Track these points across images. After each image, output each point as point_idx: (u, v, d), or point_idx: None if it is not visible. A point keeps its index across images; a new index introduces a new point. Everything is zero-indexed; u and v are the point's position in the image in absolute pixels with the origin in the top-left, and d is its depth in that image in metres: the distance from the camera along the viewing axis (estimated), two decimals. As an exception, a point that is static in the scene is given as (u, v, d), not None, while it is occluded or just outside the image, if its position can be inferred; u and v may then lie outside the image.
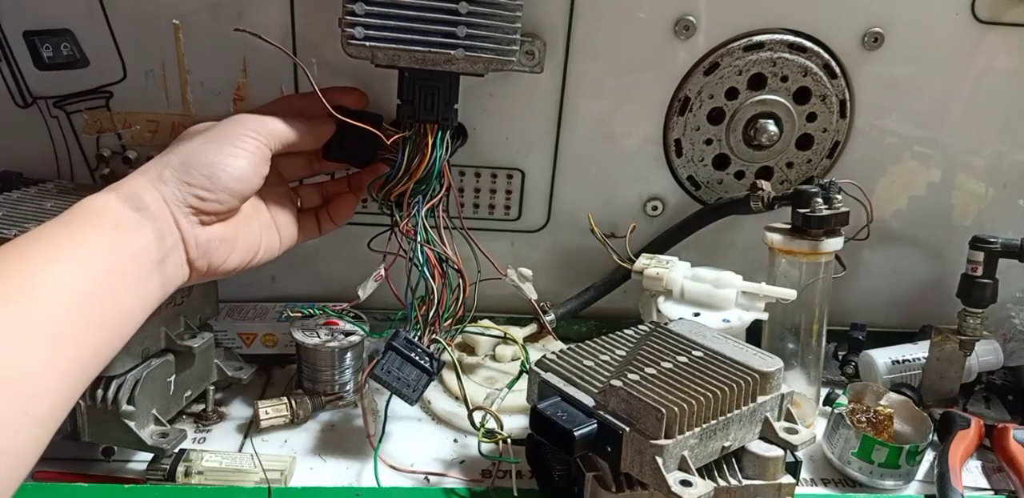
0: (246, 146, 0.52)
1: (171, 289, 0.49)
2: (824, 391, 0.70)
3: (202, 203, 0.50)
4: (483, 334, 0.69)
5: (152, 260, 0.47)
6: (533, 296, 0.67)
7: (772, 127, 0.71)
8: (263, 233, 0.56)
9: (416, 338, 0.59)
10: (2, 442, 0.37)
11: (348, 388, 0.66)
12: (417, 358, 0.58)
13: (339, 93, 0.61)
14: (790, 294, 0.64)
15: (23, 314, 0.40)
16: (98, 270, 0.44)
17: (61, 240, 0.44)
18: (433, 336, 0.60)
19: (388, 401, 0.60)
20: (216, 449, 0.59)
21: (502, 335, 0.69)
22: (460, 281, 0.61)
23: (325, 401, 0.65)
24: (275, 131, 0.54)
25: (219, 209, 0.51)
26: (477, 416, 0.57)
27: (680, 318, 0.61)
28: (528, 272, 0.67)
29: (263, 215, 0.57)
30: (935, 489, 0.59)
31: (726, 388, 0.48)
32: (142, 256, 0.46)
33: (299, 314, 0.65)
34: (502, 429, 0.56)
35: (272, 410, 0.62)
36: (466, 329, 0.66)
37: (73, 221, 0.46)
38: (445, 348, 0.60)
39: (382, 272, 0.61)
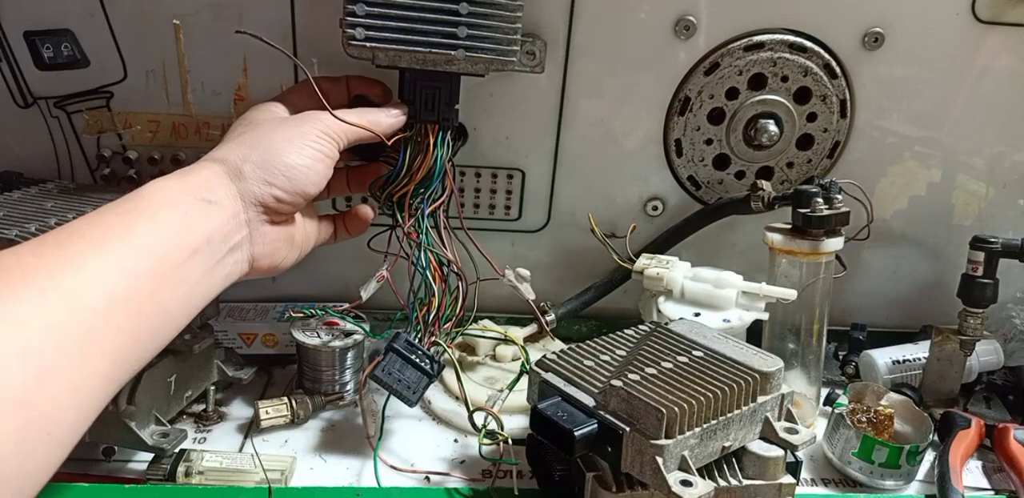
0: (323, 148, 0.51)
1: (220, 289, 0.47)
2: (824, 391, 0.70)
3: (278, 204, 0.49)
4: (483, 336, 0.69)
5: (212, 259, 0.45)
6: (531, 296, 0.67)
7: (772, 127, 0.71)
8: (309, 233, 0.56)
9: (417, 340, 0.59)
10: (13, 466, 0.32)
11: (348, 388, 0.66)
12: (417, 360, 0.58)
13: (366, 84, 0.61)
14: (790, 294, 0.64)
15: (56, 318, 0.35)
16: (148, 267, 0.41)
17: (113, 229, 0.41)
18: (433, 339, 0.60)
19: (386, 402, 0.60)
20: (216, 449, 0.59)
21: (504, 337, 0.69)
22: (460, 284, 0.61)
23: (325, 401, 0.65)
24: (348, 130, 0.53)
25: (291, 211, 0.51)
26: (478, 417, 0.57)
27: (680, 318, 0.61)
28: (526, 272, 0.67)
29: (313, 215, 0.57)
30: (935, 489, 0.59)
31: (726, 388, 0.48)
32: (202, 255, 0.44)
33: (301, 314, 0.65)
34: (503, 430, 0.56)
35: (272, 410, 0.62)
36: (466, 331, 0.66)
37: (130, 209, 0.43)
38: (446, 350, 0.60)
39: (384, 273, 0.61)
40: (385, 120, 0.56)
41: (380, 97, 0.61)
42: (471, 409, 0.57)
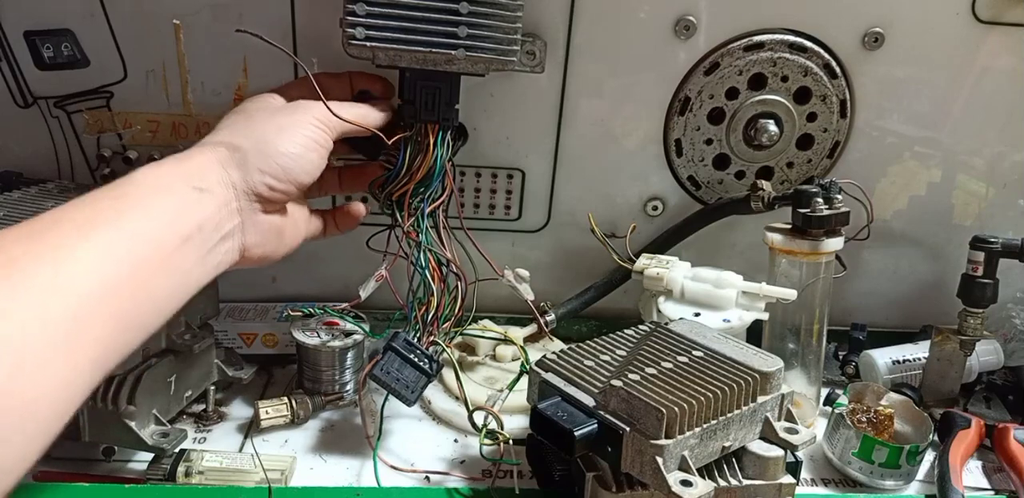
0: (316, 137, 0.52)
1: (211, 277, 0.46)
2: (824, 391, 0.70)
3: (271, 192, 0.49)
4: (482, 336, 0.69)
5: (203, 248, 0.45)
6: (530, 297, 0.67)
7: (772, 127, 0.71)
8: (299, 225, 0.56)
9: (415, 339, 0.59)
10: None
11: (348, 388, 0.66)
12: (416, 359, 0.58)
13: (367, 80, 0.61)
14: (790, 294, 0.64)
15: (43, 306, 0.35)
16: (139, 254, 0.40)
17: (103, 215, 0.40)
18: (432, 338, 0.60)
19: (384, 401, 0.60)
20: (216, 449, 0.59)
21: (504, 338, 0.68)
22: (459, 283, 0.61)
23: (325, 401, 0.65)
24: (340, 121, 0.53)
25: (283, 200, 0.51)
26: (478, 417, 0.57)
27: (680, 318, 0.61)
28: (525, 273, 0.67)
29: (304, 208, 0.57)
30: (935, 489, 0.59)
31: (726, 388, 0.48)
32: (193, 242, 0.44)
33: (299, 313, 0.65)
34: (503, 430, 0.56)
35: (272, 410, 0.62)
36: (466, 331, 0.66)
37: (121, 194, 0.42)
38: (444, 350, 0.60)
39: (383, 272, 0.61)
40: (373, 114, 0.57)
41: (381, 93, 0.61)
42: (471, 409, 0.57)
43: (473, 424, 0.57)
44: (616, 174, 0.74)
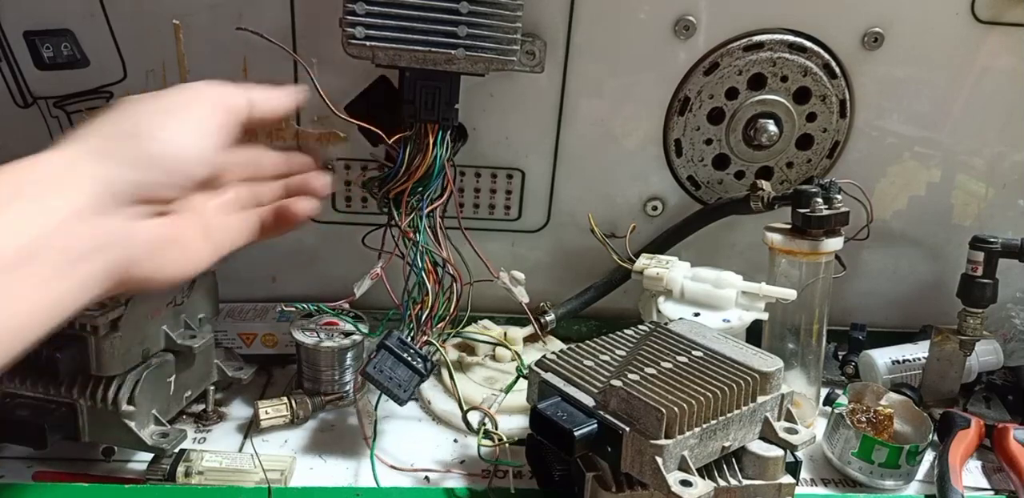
0: (210, 119, 0.42)
1: (67, 311, 0.36)
2: (824, 391, 0.70)
3: (153, 191, 0.40)
4: (479, 340, 0.69)
5: (42, 272, 0.35)
6: (524, 299, 0.66)
7: (772, 127, 0.71)
8: (216, 230, 0.46)
9: (409, 338, 0.59)
10: None
11: (348, 388, 0.66)
12: (409, 359, 0.58)
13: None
14: (790, 294, 0.64)
15: None
16: None
17: None
18: (426, 338, 0.60)
19: (378, 401, 0.60)
20: (216, 449, 0.59)
21: (496, 342, 0.68)
22: (455, 284, 0.61)
23: (325, 401, 0.65)
24: (236, 97, 0.45)
25: (171, 197, 0.41)
26: (474, 418, 0.57)
27: (680, 318, 0.61)
28: (520, 275, 0.67)
29: (228, 207, 0.48)
30: (935, 489, 0.59)
31: (726, 388, 0.48)
32: (23, 267, 0.34)
33: (293, 308, 0.65)
34: (497, 429, 0.56)
35: (272, 410, 0.62)
36: (464, 332, 0.66)
37: None
38: (439, 350, 0.60)
39: (378, 270, 0.61)
40: (275, 96, 0.48)
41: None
42: (465, 409, 0.57)
43: (467, 424, 0.57)
44: (616, 174, 0.74)
